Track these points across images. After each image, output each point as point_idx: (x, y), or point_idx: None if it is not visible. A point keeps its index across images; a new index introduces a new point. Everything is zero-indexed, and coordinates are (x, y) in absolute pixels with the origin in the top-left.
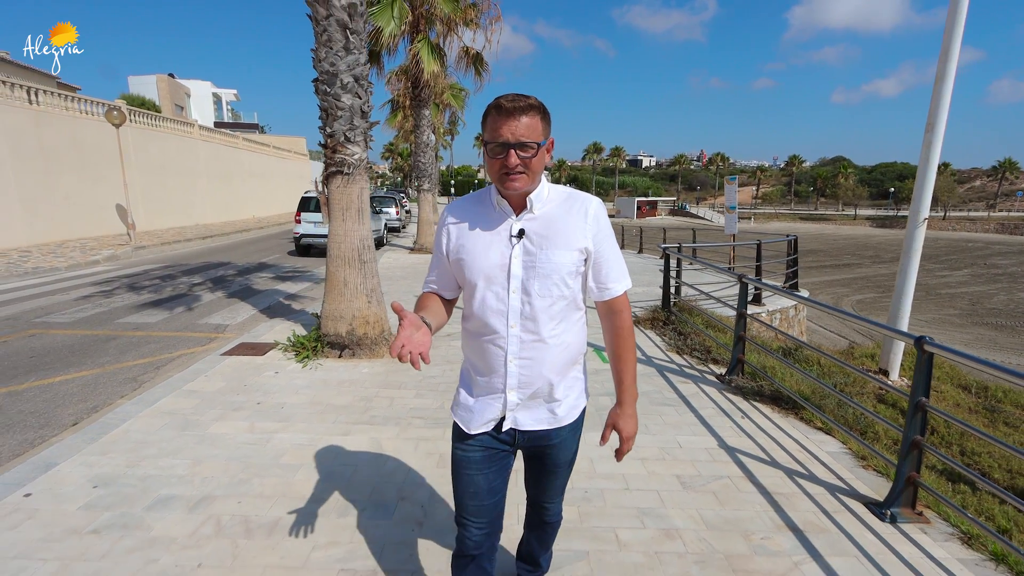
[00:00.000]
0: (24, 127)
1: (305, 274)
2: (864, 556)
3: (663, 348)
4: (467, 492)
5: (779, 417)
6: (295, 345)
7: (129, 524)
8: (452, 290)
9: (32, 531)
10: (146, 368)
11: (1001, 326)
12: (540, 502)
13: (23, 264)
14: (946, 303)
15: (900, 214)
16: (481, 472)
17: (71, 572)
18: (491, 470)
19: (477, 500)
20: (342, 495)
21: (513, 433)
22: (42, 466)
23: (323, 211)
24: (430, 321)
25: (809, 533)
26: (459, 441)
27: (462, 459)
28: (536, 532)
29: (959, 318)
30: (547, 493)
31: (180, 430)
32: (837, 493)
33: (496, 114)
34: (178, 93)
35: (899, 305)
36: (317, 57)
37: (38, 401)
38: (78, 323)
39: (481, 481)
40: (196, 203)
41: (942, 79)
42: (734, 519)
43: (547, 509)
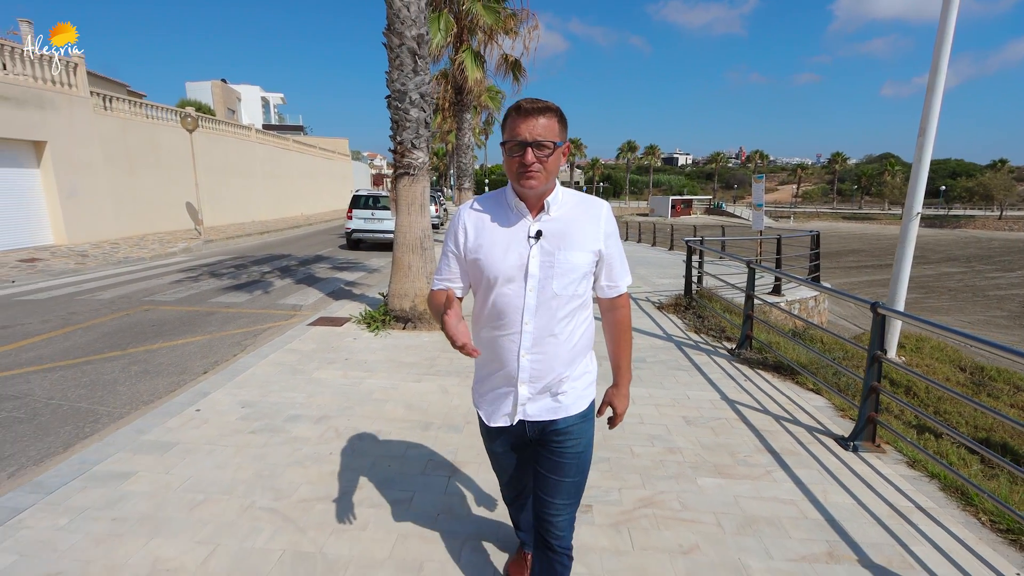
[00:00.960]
0: (114, 134)
1: (358, 265)
2: (824, 469)
3: (683, 328)
4: (500, 470)
5: (777, 381)
6: (366, 318)
7: (274, 429)
8: (464, 288)
9: (210, 430)
10: (246, 335)
11: None
12: (546, 519)
13: (115, 254)
14: (994, 305)
15: (952, 213)
16: (507, 458)
17: (244, 453)
18: (515, 455)
19: (507, 474)
20: (422, 418)
21: (523, 424)
22: (200, 394)
23: (391, 206)
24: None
25: (783, 454)
26: (485, 434)
27: (490, 450)
28: (540, 563)
29: (1006, 320)
30: (554, 503)
31: (292, 375)
32: (813, 432)
33: (515, 115)
34: (230, 97)
35: (896, 290)
36: (390, 78)
37: (171, 356)
38: (180, 301)
39: (507, 464)
40: (252, 201)
41: (932, 90)
42: (725, 444)
43: (553, 531)
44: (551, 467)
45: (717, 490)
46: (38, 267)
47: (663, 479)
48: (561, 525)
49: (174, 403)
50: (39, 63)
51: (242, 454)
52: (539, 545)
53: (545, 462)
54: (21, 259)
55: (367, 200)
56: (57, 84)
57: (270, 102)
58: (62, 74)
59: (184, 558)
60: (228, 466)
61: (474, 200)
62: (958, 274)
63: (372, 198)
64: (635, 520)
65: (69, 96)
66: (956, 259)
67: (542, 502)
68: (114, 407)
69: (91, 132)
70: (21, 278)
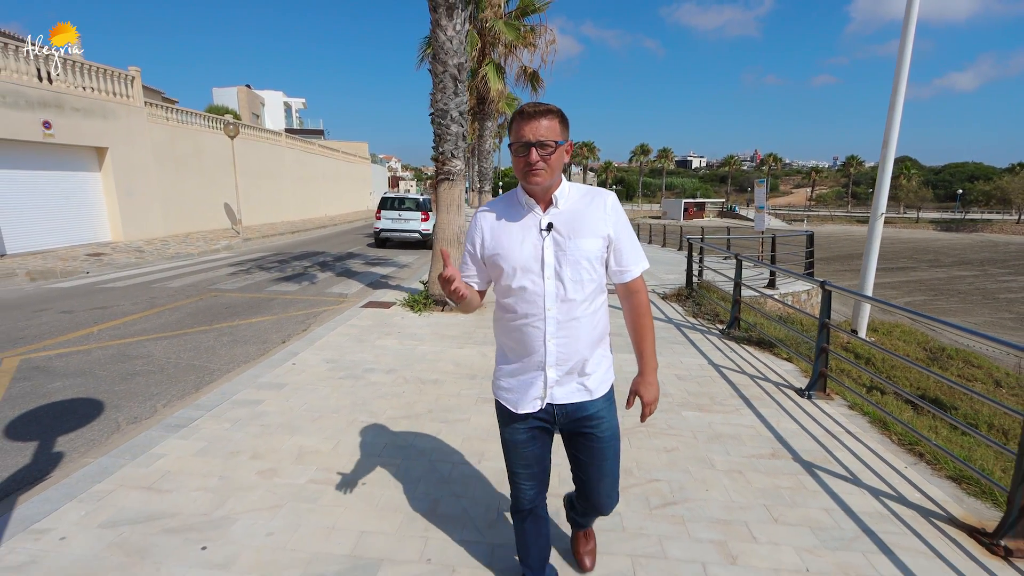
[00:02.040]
0: (163, 140)
1: (389, 261)
2: (781, 408)
3: (682, 313)
4: (518, 463)
5: (757, 352)
6: (410, 302)
7: (356, 376)
8: (484, 283)
9: (308, 376)
10: (307, 316)
11: None
12: (597, 500)
13: (167, 250)
14: (1003, 307)
15: (968, 217)
16: (529, 447)
17: (339, 391)
18: (536, 444)
19: (528, 469)
20: (468, 371)
21: (551, 409)
22: (290, 354)
23: (433, 207)
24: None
25: (752, 399)
26: (506, 424)
27: (511, 440)
28: (586, 515)
29: (1013, 321)
30: (600, 490)
31: (358, 342)
32: (779, 386)
33: (520, 119)
34: (255, 103)
35: (865, 281)
36: (434, 99)
37: (250, 331)
38: (241, 289)
39: (529, 454)
40: (282, 202)
41: (893, 108)
42: (706, 392)
43: (604, 507)
44: (591, 454)
45: (696, 419)
46: (104, 260)
47: (656, 412)
48: (611, 501)
49: (272, 360)
50: (104, 75)
51: (338, 391)
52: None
53: (584, 451)
54: (88, 253)
55: (394, 202)
56: (118, 96)
57: (292, 107)
58: (121, 85)
59: (319, 446)
60: (330, 398)
61: (487, 204)
62: (970, 277)
63: (398, 200)
64: (633, 434)
65: (127, 106)
66: (969, 263)
67: (591, 489)
68: (220, 365)
69: (145, 139)
70: (93, 270)
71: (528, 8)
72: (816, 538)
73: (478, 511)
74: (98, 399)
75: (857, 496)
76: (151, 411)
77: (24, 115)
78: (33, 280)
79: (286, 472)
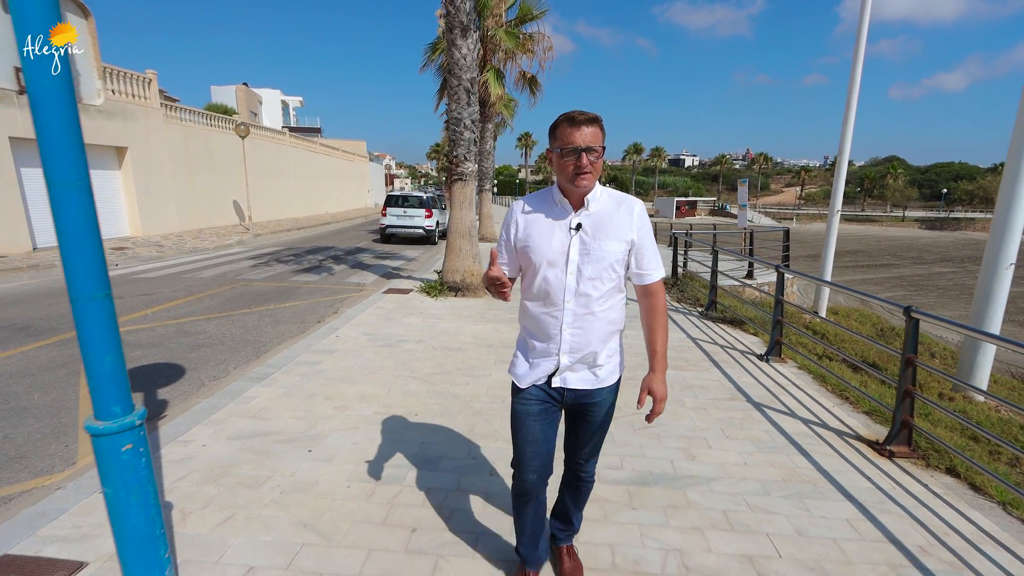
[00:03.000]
0: (177, 139)
1: (396, 255)
2: (743, 368)
3: (668, 298)
4: (526, 440)
5: (730, 329)
6: (426, 288)
7: (392, 345)
8: (515, 271)
9: (352, 345)
10: (333, 301)
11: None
12: (576, 461)
13: (184, 245)
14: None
15: (952, 215)
16: (537, 422)
17: (381, 355)
18: (544, 420)
19: (534, 447)
20: (485, 342)
21: (562, 391)
22: (331, 329)
23: (447, 204)
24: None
25: (720, 362)
26: (517, 396)
27: (521, 412)
28: (571, 492)
29: None
30: (583, 451)
31: (387, 320)
32: (744, 352)
33: (568, 125)
34: (252, 101)
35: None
36: (449, 108)
37: (287, 313)
38: (266, 279)
39: (537, 429)
40: (286, 200)
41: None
42: (684, 357)
43: (582, 467)
44: (584, 427)
45: (672, 375)
46: (128, 254)
47: (638, 369)
48: (590, 466)
49: (317, 334)
50: (124, 78)
51: (380, 355)
52: (570, 483)
53: (578, 425)
54: (112, 248)
55: (399, 200)
56: (136, 97)
57: (289, 105)
58: (140, 87)
59: (375, 392)
60: (374, 360)
61: (525, 200)
62: (949, 273)
63: (403, 198)
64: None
65: (145, 107)
66: (951, 260)
67: (575, 454)
68: (270, 339)
69: (161, 138)
70: (121, 262)
71: (526, 16)
72: (755, 446)
73: (506, 432)
74: (177, 364)
75: (791, 423)
76: (225, 372)
77: None
78: None
79: (354, 408)
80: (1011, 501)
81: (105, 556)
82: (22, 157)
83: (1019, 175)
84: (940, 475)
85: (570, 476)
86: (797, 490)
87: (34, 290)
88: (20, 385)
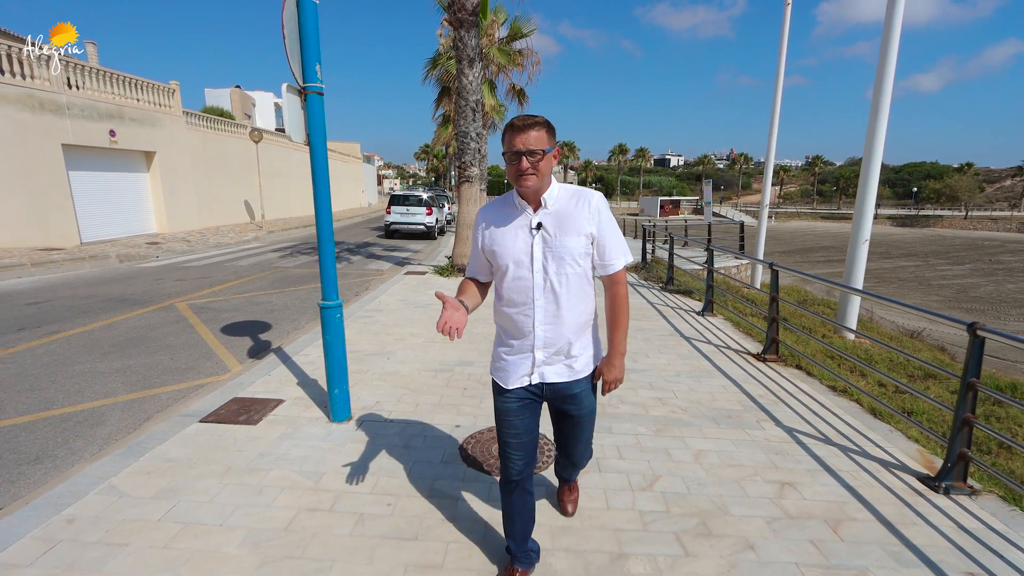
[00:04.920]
0: (197, 144)
1: (403, 248)
2: (684, 320)
3: (636, 279)
4: (509, 433)
5: (682, 297)
6: (439, 270)
7: (424, 306)
8: (486, 275)
9: (393, 306)
10: (362, 282)
11: (975, 311)
12: (573, 456)
13: (208, 240)
14: (934, 292)
15: (921, 213)
16: (519, 417)
17: (419, 313)
18: (526, 415)
19: (518, 439)
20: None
21: (541, 386)
22: (373, 298)
23: (456, 200)
24: (467, 303)
25: (668, 317)
26: (499, 395)
27: (503, 409)
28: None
29: (939, 303)
30: (577, 448)
31: (414, 291)
32: (688, 311)
33: (511, 131)
34: (246, 103)
35: (757, 251)
36: (457, 123)
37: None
38: (297, 267)
39: (519, 424)
40: (290, 200)
41: (772, 134)
42: (642, 314)
43: (577, 463)
44: (571, 426)
45: (632, 325)
46: (163, 248)
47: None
48: (583, 463)
49: (362, 301)
50: (152, 89)
51: (416, 312)
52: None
53: (565, 425)
54: (147, 242)
55: (402, 199)
56: (162, 106)
57: (282, 108)
58: (165, 96)
59: (419, 331)
60: (413, 314)
61: (487, 206)
62: (912, 267)
63: (406, 197)
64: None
65: (169, 115)
66: (915, 255)
67: (570, 451)
68: None
69: (183, 143)
70: (160, 255)
71: (517, 35)
72: (678, 357)
73: None
74: (262, 321)
75: (706, 347)
76: (299, 326)
77: (96, 125)
78: (122, 262)
79: (409, 340)
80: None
81: (291, 397)
82: (71, 161)
83: (870, 172)
84: (792, 370)
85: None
86: (696, 375)
87: (101, 275)
88: (155, 333)
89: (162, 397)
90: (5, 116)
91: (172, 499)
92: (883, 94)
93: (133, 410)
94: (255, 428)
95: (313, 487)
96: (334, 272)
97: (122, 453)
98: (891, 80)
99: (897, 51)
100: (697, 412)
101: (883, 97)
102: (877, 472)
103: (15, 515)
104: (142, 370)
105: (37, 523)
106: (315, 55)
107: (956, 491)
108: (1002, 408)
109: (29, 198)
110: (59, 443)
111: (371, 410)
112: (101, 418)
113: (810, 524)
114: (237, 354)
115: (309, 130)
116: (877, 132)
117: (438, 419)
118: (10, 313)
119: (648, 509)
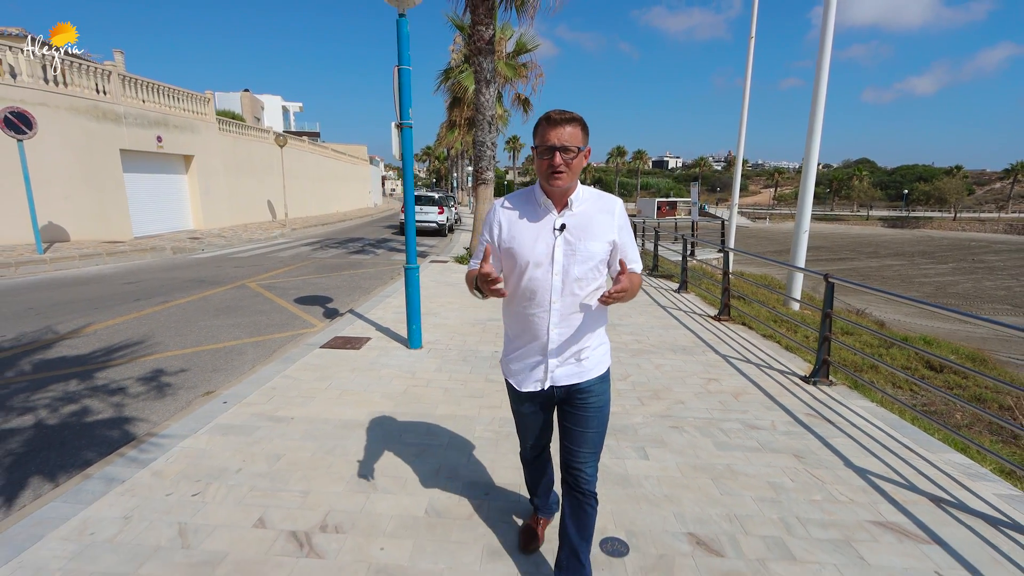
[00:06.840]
0: (227, 148)
1: (419, 243)
2: (665, 296)
3: None
4: (525, 431)
5: (665, 281)
6: (458, 259)
7: (454, 285)
8: (497, 271)
9: (426, 284)
10: (392, 270)
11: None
12: (575, 464)
13: (241, 236)
14: (913, 288)
15: (912, 215)
16: (533, 419)
17: (452, 290)
18: (540, 416)
19: (533, 435)
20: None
21: (552, 389)
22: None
23: (473, 199)
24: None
25: (652, 295)
26: (514, 398)
27: (517, 411)
28: (574, 518)
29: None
30: (580, 449)
31: (441, 274)
32: (668, 290)
33: (546, 124)
34: (256, 107)
35: (729, 241)
36: (475, 135)
37: (365, 275)
38: (332, 257)
39: (534, 423)
40: (306, 200)
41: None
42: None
43: (582, 473)
44: (576, 421)
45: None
46: (204, 242)
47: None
48: (588, 471)
49: (398, 284)
50: (191, 98)
51: (447, 289)
52: (569, 491)
53: (571, 418)
54: (190, 237)
55: (416, 199)
56: (199, 114)
57: (289, 110)
58: (201, 105)
59: (454, 301)
60: (445, 290)
61: (505, 198)
62: (897, 266)
63: (419, 197)
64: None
65: (205, 121)
66: (903, 254)
67: (570, 452)
68: (370, 286)
69: (216, 147)
70: (205, 248)
71: (522, 50)
72: (653, 318)
73: None
74: (323, 295)
75: (677, 311)
76: (354, 299)
77: (146, 132)
78: (175, 253)
79: (448, 305)
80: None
81: (375, 336)
82: (126, 164)
83: (810, 168)
84: (737, 326)
85: (569, 487)
86: (666, 328)
87: (163, 264)
88: (244, 303)
89: (276, 340)
90: (77, 125)
91: (328, 380)
92: (817, 107)
93: (260, 348)
94: (359, 352)
95: (412, 376)
96: (415, 245)
97: (279, 362)
98: (824, 94)
99: (829, 63)
100: (662, 347)
101: (818, 109)
102: (773, 375)
103: (240, 384)
104: (250, 326)
105: (253, 389)
106: (408, 102)
107: (820, 384)
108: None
109: (94, 197)
110: (223, 362)
111: (434, 344)
112: (241, 351)
113: (720, 395)
114: (315, 316)
115: (403, 149)
116: (812, 145)
117: (481, 348)
118: (115, 290)
119: (622, 388)
